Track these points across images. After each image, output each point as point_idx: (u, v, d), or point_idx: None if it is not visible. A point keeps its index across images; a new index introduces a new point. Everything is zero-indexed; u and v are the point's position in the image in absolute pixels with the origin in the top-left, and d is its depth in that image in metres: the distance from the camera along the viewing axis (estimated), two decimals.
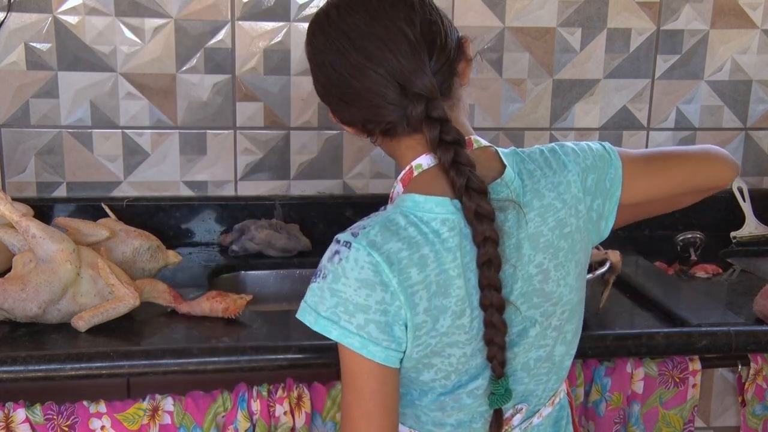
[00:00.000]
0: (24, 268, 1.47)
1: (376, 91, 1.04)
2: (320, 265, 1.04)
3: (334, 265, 1.01)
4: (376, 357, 1.01)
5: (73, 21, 1.85)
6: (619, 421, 1.51)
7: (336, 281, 1.01)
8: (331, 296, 1.01)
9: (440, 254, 1.01)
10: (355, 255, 1.00)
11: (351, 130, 1.12)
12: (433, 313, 1.01)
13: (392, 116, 1.05)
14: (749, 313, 1.58)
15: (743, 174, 2.16)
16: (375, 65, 1.03)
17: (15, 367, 1.30)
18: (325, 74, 1.08)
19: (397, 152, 1.10)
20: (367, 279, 1.00)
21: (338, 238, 1.03)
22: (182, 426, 1.35)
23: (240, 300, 1.47)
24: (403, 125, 1.05)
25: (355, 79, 1.04)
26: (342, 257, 1.01)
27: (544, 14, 1.99)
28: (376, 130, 1.08)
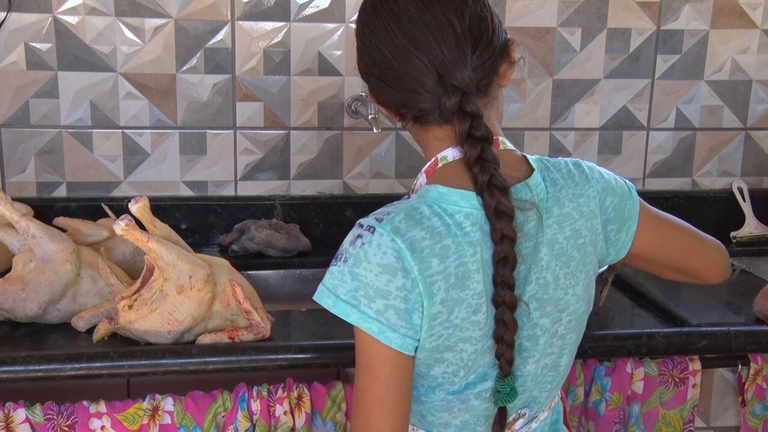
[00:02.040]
0: (24, 268, 1.47)
1: (415, 76, 1.05)
2: (341, 249, 1.04)
3: (356, 249, 1.02)
4: (393, 343, 1.01)
5: (73, 21, 1.85)
6: (619, 421, 1.51)
7: (357, 265, 1.01)
8: (351, 280, 1.01)
9: (461, 247, 1.02)
10: (379, 240, 1.01)
11: (385, 111, 1.13)
12: (449, 304, 1.02)
13: (426, 104, 1.06)
14: (749, 313, 1.58)
15: (743, 174, 2.16)
16: (418, 51, 1.04)
17: (15, 367, 1.30)
18: (369, 52, 1.09)
19: (425, 141, 1.11)
20: (389, 264, 1.00)
21: (361, 223, 1.04)
22: (182, 426, 1.35)
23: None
24: (435, 114, 1.06)
25: (398, 61, 1.05)
26: (365, 241, 1.02)
27: (544, 14, 1.99)
28: (409, 116, 1.09)
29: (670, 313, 1.56)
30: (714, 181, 2.16)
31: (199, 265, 1.36)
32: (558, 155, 2.06)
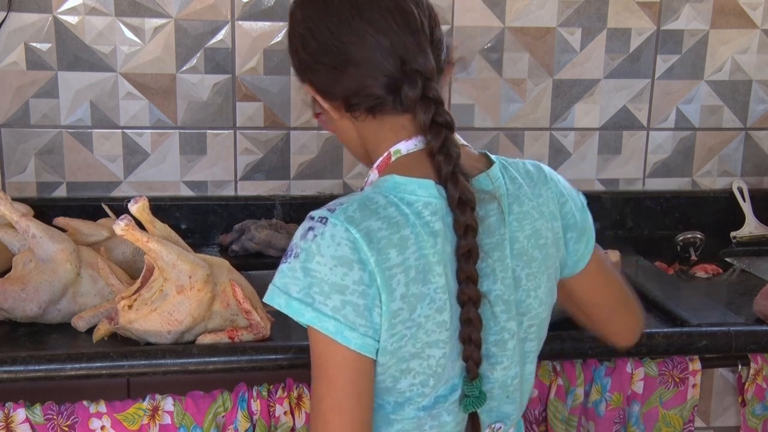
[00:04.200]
0: (24, 268, 1.47)
1: (374, 61, 1.00)
2: (291, 245, 0.98)
3: (308, 243, 0.96)
4: (351, 343, 0.95)
5: (73, 21, 1.85)
6: (619, 421, 1.51)
7: (310, 260, 0.95)
8: (304, 276, 0.95)
9: (421, 237, 0.97)
10: (332, 231, 0.95)
11: (327, 105, 1.06)
12: (410, 300, 0.96)
13: (384, 91, 1.01)
14: (749, 313, 1.58)
15: (743, 174, 2.16)
16: (379, 35, 1.00)
17: (15, 367, 1.30)
18: (319, 39, 1.03)
19: (378, 135, 1.05)
20: (344, 256, 0.94)
21: (312, 215, 0.98)
22: (182, 426, 1.35)
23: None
24: (392, 102, 1.02)
25: (355, 46, 1.00)
26: (317, 233, 0.96)
27: (544, 14, 1.99)
28: (362, 106, 1.03)
29: (670, 313, 1.56)
30: (714, 181, 2.16)
31: (199, 265, 1.36)
32: (558, 155, 2.07)
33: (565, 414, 1.47)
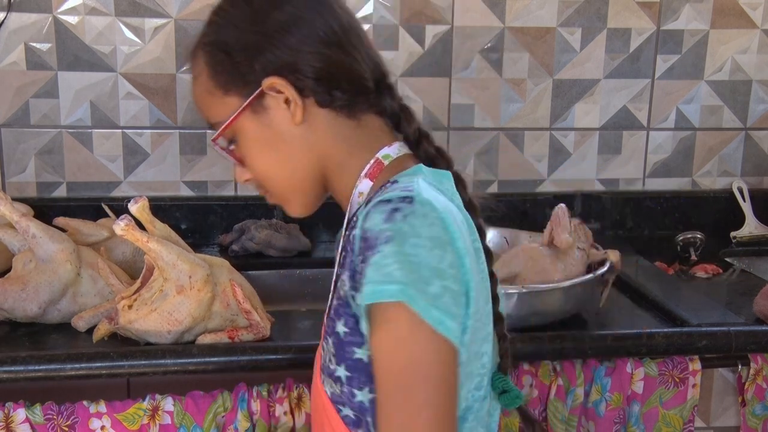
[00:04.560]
0: (24, 268, 1.47)
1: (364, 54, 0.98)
2: (371, 234, 0.85)
3: (398, 224, 0.84)
4: (453, 336, 0.84)
5: (73, 21, 1.85)
6: (619, 421, 1.51)
7: (404, 242, 0.83)
8: (403, 260, 0.83)
9: (468, 224, 0.93)
10: (422, 210, 0.85)
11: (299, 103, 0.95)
12: (476, 290, 0.89)
13: (372, 84, 0.98)
14: (749, 313, 1.58)
15: (743, 174, 2.16)
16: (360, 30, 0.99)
17: (15, 367, 1.30)
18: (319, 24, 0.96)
19: (357, 139, 0.98)
20: (439, 237, 0.85)
21: (388, 198, 0.87)
22: (182, 426, 1.35)
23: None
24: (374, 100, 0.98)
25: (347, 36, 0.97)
26: (406, 213, 0.85)
27: (544, 14, 1.99)
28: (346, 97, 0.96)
29: (670, 313, 1.56)
30: (714, 181, 2.15)
31: (199, 265, 1.36)
32: (558, 155, 2.07)
33: (565, 414, 1.47)
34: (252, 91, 0.96)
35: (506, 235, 1.72)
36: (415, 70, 1.97)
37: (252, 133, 0.98)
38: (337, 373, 0.92)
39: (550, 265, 1.49)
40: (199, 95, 1.01)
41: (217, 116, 0.99)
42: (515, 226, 1.79)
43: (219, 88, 0.98)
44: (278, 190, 1.02)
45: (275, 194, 1.03)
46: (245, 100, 0.96)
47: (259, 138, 0.98)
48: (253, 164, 1.00)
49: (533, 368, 1.46)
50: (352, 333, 0.90)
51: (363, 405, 0.91)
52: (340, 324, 0.91)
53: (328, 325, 0.94)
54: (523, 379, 1.46)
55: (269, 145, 0.98)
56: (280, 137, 0.97)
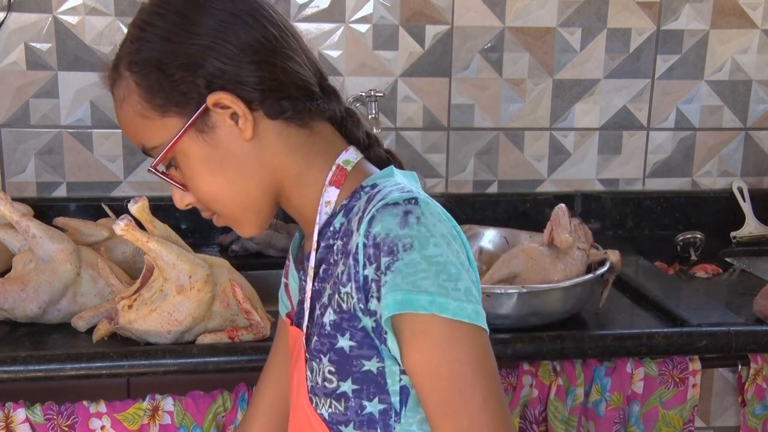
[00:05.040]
0: (24, 268, 1.47)
1: (306, 60, 0.94)
2: (389, 240, 0.82)
3: (414, 229, 0.82)
4: (484, 323, 0.84)
5: (73, 21, 1.85)
6: (619, 421, 1.51)
7: (425, 245, 0.82)
8: (428, 266, 0.82)
9: None
10: (430, 208, 0.85)
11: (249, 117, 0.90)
12: None
13: (318, 90, 0.94)
14: (749, 313, 1.58)
15: (743, 174, 2.16)
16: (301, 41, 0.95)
17: (15, 367, 1.30)
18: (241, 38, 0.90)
19: (311, 147, 0.94)
20: (450, 232, 0.86)
21: (393, 201, 0.85)
22: (182, 426, 1.35)
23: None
24: (323, 105, 0.94)
25: (287, 42, 0.93)
26: (418, 215, 0.83)
27: (544, 14, 1.99)
28: (296, 106, 0.92)
29: (670, 313, 1.56)
30: (714, 181, 2.15)
31: (199, 265, 1.36)
32: (558, 155, 2.07)
33: (565, 414, 1.47)
34: (194, 109, 0.90)
35: (506, 235, 1.72)
36: (415, 70, 1.97)
37: (197, 154, 0.92)
38: (341, 389, 0.90)
39: (550, 265, 1.49)
40: (130, 119, 0.93)
41: (153, 140, 0.93)
42: (515, 226, 1.79)
43: (155, 110, 0.91)
44: (229, 211, 0.97)
45: (225, 216, 0.98)
46: (188, 120, 0.90)
47: (205, 158, 0.92)
48: (199, 187, 0.95)
49: (533, 368, 1.46)
50: (360, 346, 0.88)
51: (372, 416, 0.90)
52: (343, 339, 0.88)
53: (322, 343, 0.91)
54: (523, 379, 1.46)
55: (217, 164, 0.92)
56: (229, 155, 0.92)
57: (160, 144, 0.93)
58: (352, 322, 0.88)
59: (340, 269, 0.89)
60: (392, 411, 0.90)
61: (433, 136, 2.01)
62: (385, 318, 0.84)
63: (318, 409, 0.93)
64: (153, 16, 0.91)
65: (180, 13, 0.90)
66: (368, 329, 0.87)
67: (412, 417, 0.90)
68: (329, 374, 0.91)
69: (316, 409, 0.93)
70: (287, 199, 0.98)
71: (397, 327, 0.85)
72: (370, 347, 0.88)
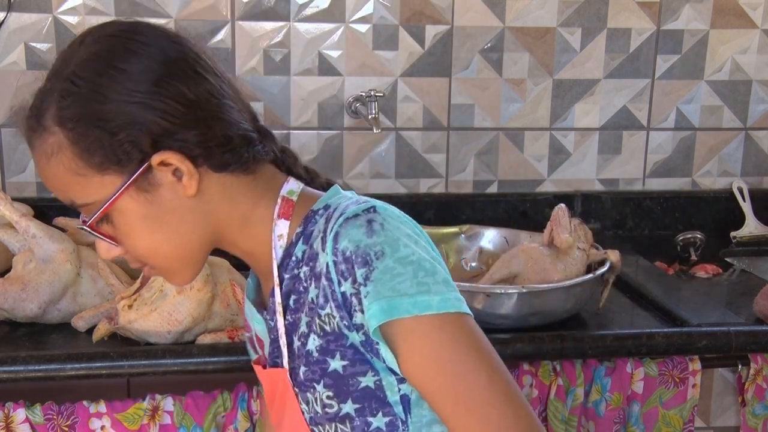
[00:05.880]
0: (24, 268, 1.47)
1: (240, 107, 0.94)
2: (359, 252, 0.84)
3: (381, 235, 0.84)
4: (466, 307, 0.86)
5: (73, 21, 1.85)
6: (619, 421, 1.51)
7: (396, 248, 0.84)
8: (404, 267, 0.83)
9: None
10: (389, 212, 0.87)
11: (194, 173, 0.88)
12: None
13: (256, 135, 0.94)
14: (749, 313, 1.58)
15: (743, 174, 2.16)
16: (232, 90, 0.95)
17: (15, 367, 1.30)
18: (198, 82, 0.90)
19: (254, 190, 0.94)
20: (415, 232, 0.88)
21: (353, 213, 0.86)
22: (182, 426, 1.35)
23: None
24: (261, 150, 0.94)
25: (220, 95, 0.91)
26: (381, 222, 0.85)
27: (544, 14, 1.99)
28: (240, 157, 0.91)
29: (670, 313, 1.56)
30: (714, 181, 2.16)
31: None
32: (558, 155, 2.07)
33: (565, 414, 1.47)
34: (137, 167, 0.87)
35: (506, 235, 1.72)
36: (415, 70, 1.97)
37: (135, 213, 0.90)
38: (343, 411, 0.90)
39: (550, 265, 1.49)
40: (59, 176, 0.90)
41: (87, 197, 0.90)
42: (515, 226, 1.79)
43: (92, 168, 0.88)
44: (165, 264, 0.95)
45: (158, 268, 0.96)
46: (128, 178, 0.87)
47: (144, 216, 0.90)
48: (135, 244, 0.92)
49: (533, 368, 1.46)
50: (352, 364, 0.88)
51: (381, 430, 0.90)
52: (335, 361, 0.88)
53: (312, 371, 0.90)
54: (523, 379, 1.46)
55: (157, 222, 0.90)
56: (170, 212, 0.90)
57: (94, 201, 0.90)
58: (339, 342, 0.88)
59: (312, 294, 0.89)
60: (398, 421, 0.90)
61: (433, 136, 2.01)
62: (373, 329, 0.85)
63: None
64: (86, 70, 0.88)
65: (116, 67, 0.87)
66: (357, 345, 0.87)
67: (418, 421, 0.91)
68: (328, 399, 0.90)
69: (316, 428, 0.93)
70: (232, 244, 0.97)
71: (386, 335, 0.85)
72: (362, 363, 0.88)
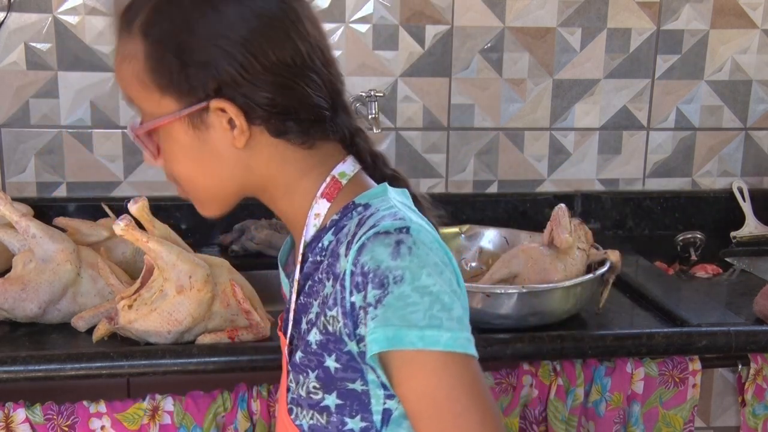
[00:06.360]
0: (24, 268, 1.47)
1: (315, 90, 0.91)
2: (379, 272, 0.82)
3: (406, 260, 0.81)
4: (474, 350, 0.84)
5: (73, 21, 1.85)
6: (619, 421, 1.51)
7: (418, 276, 0.81)
8: (421, 297, 0.81)
9: None
10: (422, 237, 0.83)
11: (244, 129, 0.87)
12: None
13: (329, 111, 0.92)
14: (749, 313, 1.58)
15: (743, 174, 2.16)
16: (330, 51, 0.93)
17: (15, 367, 1.30)
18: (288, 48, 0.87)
19: (305, 162, 0.92)
20: (443, 261, 0.84)
21: (384, 229, 0.83)
22: (182, 426, 1.35)
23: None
24: (328, 123, 0.92)
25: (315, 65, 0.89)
26: (410, 245, 0.82)
27: (544, 14, 1.99)
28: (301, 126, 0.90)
29: (670, 313, 1.56)
30: (714, 181, 2.16)
31: (199, 265, 1.36)
32: (558, 155, 2.07)
33: (565, 414, 1.47)
34: (194, 102, 0.87)
35: (506, 235, 1.72)
36: (415, 70, 1.97)
37: (181, 142, 0.90)
38: (324, 402, 0.90)
39: (550, 265, 1.49)
40: (127, 78, 0.89)
41: (142, 106, 0.90)
42: (515, 226, 1.79)
43: (155, 86, 0.88)
44: (196, 194, 0.96)
45: (189, 194, 0.97)
46: (183, 109, 0.87)
47: (188, 147, 0.90)
48: (173, 167, 0.93)
49: (533, 368, 1.46)
50: (344, 369, 0.88)
51: None
52: (330, 360, 0.88)
53: (309, 359, 0.90)
54: (523, 379, 1.46)
55: (198, 157, 0.90)
56: (213, 154, 0.90)
57: (148, 113, 0.90)
58: (337, 345, 0.87)
59: (327, 290, 0.88)
60: (373, 429, 0.89)
61: (433, 136, 2.01)
62: (371, 354, 0.84)
63: (297, 420, 0.93)
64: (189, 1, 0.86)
65: (214, 6, 0.85)
66: (354, 354, 0.87)
67: None
68: (314, 388, 0.90)
69: (295, 419, 0.93)
70: (271, 202, 0.97)
71: (386, 359, 0.84)
72: (354, 370, 0.88)
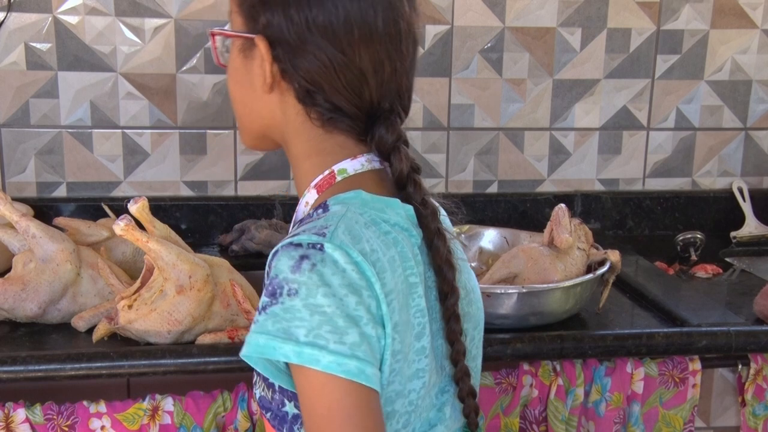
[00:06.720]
0: (24, 268, 1.47)
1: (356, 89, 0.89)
2: (277, 281, 0.82)
3: (306, 275, 0.81)
4: (374, 383, 0.81)
5: (73, 21, 1.85)
6: (619, 421, 1.51)
7: (313, 294, 0.80)
8: (310, 315, 0.80)
9: (404, 257, 0.88)
10: (333, 256, 0.82)
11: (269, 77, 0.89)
12: (400, 328, 0.85)
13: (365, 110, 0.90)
14: (749, 313, 1.58)
15: (743, 174, 2.16)
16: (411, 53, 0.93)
17: (15, 367, 1.30)
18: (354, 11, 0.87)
19: (319, 143, 0.92)
20: (353, 283, 0.82)
21: (297, 241, 0.83)
22: (182, 426, 1.35)
23: None
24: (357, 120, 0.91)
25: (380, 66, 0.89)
26: (315, 261, 0.81)
27: (544, 14, 1.99)
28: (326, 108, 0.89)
29: (670, 313, 1.56)
30: (714, 181, 2.16)
31: (198, 265, 1.36)
32: (558, 155, 2.07)
33: (565, 414, 1.47)
34: (246, 31, 0.91)
35: (506, 235, 1.72)
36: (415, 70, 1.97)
37: (235, 59, 0.94)
38: (271, 380, 0.89)
39: (550, 265, 1.49)
40: None
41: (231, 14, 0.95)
42: (515, 226, 1.79)
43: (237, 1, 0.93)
44: (236, 117, 1.00)
45: (235, 115, 1.01)
46: (238, 31, 0.92)
47: (236, 68, 0.94)
48: (228, 78, 0.97)
49: (533, 368, 1.46)
50: None
51: (286, 416, 0.89)
52: None
53: None
54: (523, 379, 1.46)
55: (241, 81, 0.94)
56: (250, 85, 0.93)
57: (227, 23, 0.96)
58: None
59: None
60: (301, 419, 0.87)
61: (433, 136, 2.02)
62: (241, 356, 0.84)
63: (255, 388, 0.94)
64: None
65: None
66: None
67: None
68: None
69: (254, 387, 0.95)
70: (291, 163, 0.98)
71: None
72: None
